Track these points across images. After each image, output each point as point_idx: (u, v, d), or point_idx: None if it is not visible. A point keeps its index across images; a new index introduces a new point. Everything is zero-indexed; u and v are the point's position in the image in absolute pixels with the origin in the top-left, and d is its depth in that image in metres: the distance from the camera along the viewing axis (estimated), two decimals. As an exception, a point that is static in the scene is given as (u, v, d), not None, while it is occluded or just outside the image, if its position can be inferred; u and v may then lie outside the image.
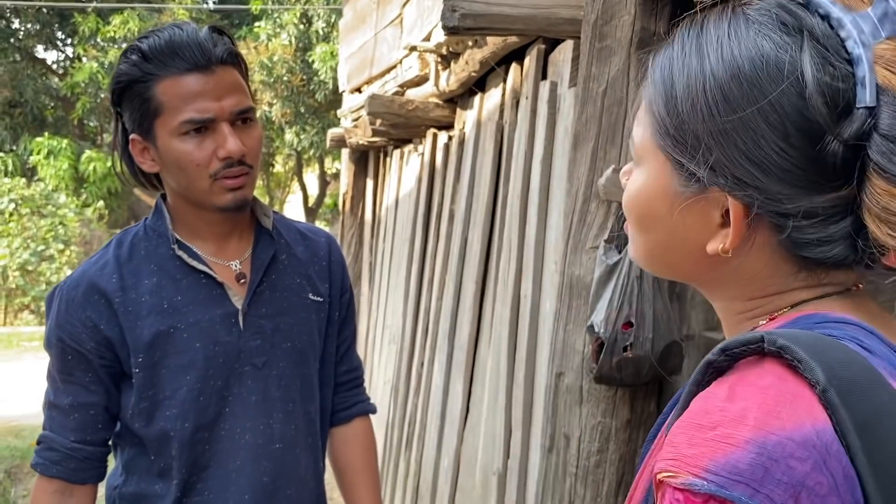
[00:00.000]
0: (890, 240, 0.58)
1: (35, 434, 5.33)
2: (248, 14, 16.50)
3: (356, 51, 5.66)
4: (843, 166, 0.59)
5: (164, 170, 1.42)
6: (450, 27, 2.17)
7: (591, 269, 1.82)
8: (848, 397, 0.54)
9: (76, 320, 1.40)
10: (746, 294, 0.67)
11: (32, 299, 13.15)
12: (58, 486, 1.45)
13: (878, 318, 0.66)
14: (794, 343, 0.56)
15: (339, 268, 1.62)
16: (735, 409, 0.54)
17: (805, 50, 0.58)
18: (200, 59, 1.34)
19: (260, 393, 1.46)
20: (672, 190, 0.66)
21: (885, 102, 0.58)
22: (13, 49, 17.43)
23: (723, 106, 0.61)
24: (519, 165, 2.82)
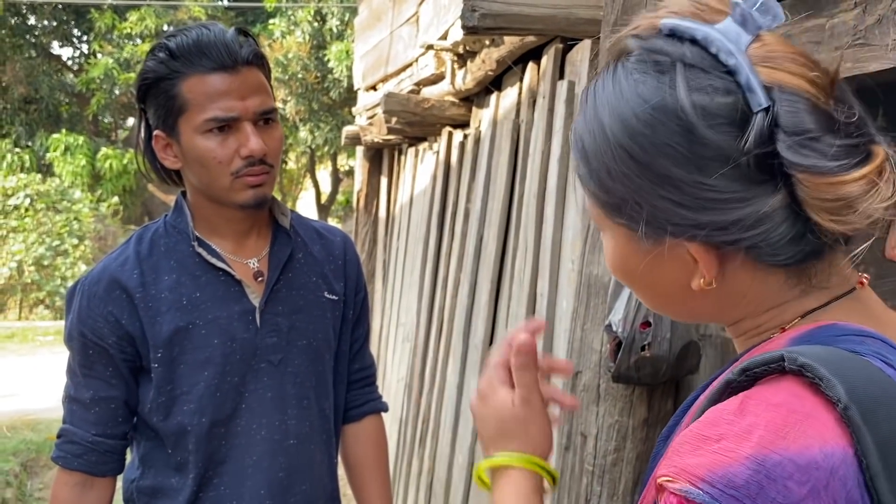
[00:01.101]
0: (834, 226, 0.58)
1: (51, 428, 5.41)
2: (262, 11, 16.55)
3: (371, 49, 5.68)
4: (766, 170, 0.59)
5: (186, 166, 1.44)
6: (469, 27, 2.18)
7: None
8: (870, 416, 0.53)
9: (98, 315, 1.42)
10: (751, 313, 0.67)
11: (47, 294, 13.25)
12: (79, 479, 1.47)
13: (885, 318, 0.66)
14: (816, 360, 0.55)
15: (354, 267, 1.64)
16: (742, 424, 0.54)
17: (678, 84, 0.59)
18: (227, 59, 1.36)
19: (275, 389, 1.47)
20: (636, 248, 0.66)
21: (779, 98, 0.58)
22: (29, 45, 17.55)
23: (631, 164, 0.61)
24: (536, 164, 2.83)
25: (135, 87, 1.46)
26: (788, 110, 0.57)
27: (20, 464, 6.09)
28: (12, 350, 10.66)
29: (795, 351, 0.57)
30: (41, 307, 13.35)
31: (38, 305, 13.38)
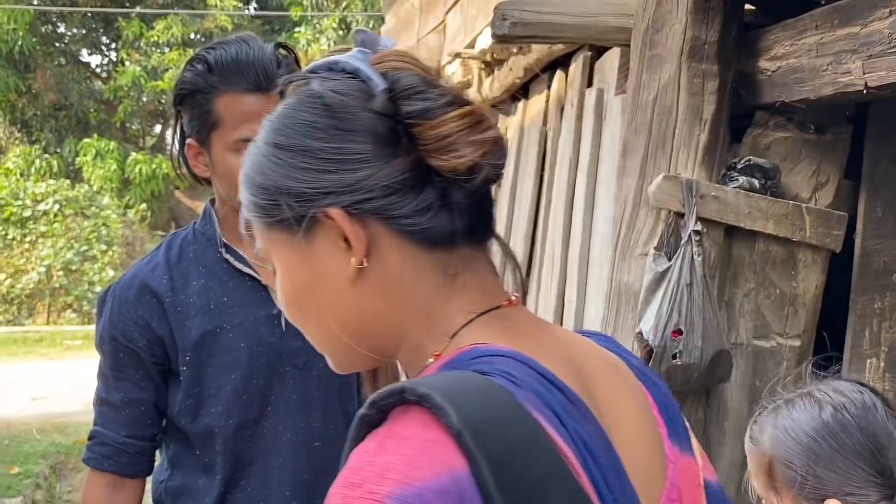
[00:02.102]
0: (448, 162, 0.65)
1: (80, 431, 5.44)
2: (288, 20, 16.69)
3: (398, 57, 5.71)
4: (395, 137, 0.67)
5: (215, 177, 1.47)
6: (500, 35, 2.20)
7: (639, 275, 1.83)
8: (482, 438, 0.56)
9: (129, 319, 1.45)
10: (412, 322, 0.69)
11: (75, 299, 13.41)
12: (109, 480, 1.49)
13: (533, 335, 0.68)
14: (433, 389, 0.58)
15: None
16: (380, 464, 0.57)
17: (314, 83, 0.70)
18: (263, 81, 1.38)
19: (300, 392, 1.49)
20: (298, 256, 0.70)
21: (394, 77, 0.68)
22: (59, 53, 17.82)
23: (276, 151, 0.70)
24: (563, 172, 2.83)
25: (172, 92, 1.49)
26: (402, 81, 0.68)
27: (49, 466, 6.17)
28: (41, 354, 10.80)
29: (417, 381, 0.60)
30: (69, 311, 13.50)
31: (66, 310, 13.54)
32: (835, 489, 1.00)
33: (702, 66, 1.82)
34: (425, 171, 0.66)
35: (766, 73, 1.82)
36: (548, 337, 0.69)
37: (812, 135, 1.89)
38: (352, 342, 0.72)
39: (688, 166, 1.82)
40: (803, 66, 1.69)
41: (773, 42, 1.80)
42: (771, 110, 1.88)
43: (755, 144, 1.89)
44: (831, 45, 1.62)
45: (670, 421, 0.72)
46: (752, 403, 1.87)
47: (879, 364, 1.79)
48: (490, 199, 0.70)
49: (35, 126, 17.23)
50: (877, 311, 1.79)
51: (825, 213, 1.83)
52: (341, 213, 0.66)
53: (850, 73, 1.56)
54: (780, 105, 1.81)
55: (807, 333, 1.88)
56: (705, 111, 1.83)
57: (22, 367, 9.75)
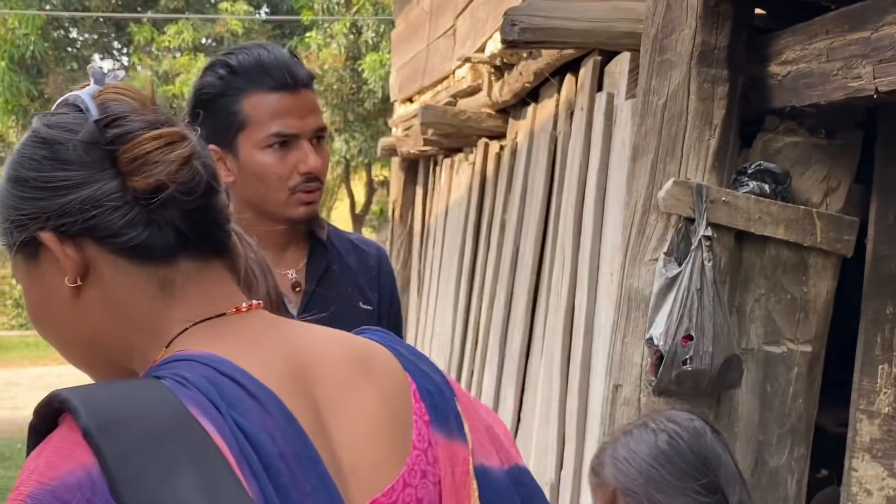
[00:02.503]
0: (138, 182, 0.71)
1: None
2: (299, 24, 16.74)
3: (408, 61, 5.72)
4: (105, 161, 0.72)
5: (240, 180, 1.48)
6: (510, 41, 2.20)
7: (649, 281, 1.83)
8: (108, 434, 0.62)
9: None
10: (139, 343, 0.74)
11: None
12: None
13: (250, 339, 0.73)
14: (73, 394, 0.65)
15: (388, 278, 1.68)
16: (31, 467, 0.63)
17: (35, 121, 0.77)
18: (288, 79, 1.42)
19: None
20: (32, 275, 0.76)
21: (107, 108, 0.74)
22: (71, 58, 17.93)
23: (4, 184, 0.76)
24: (573, 176, 2.83)
25: (188, 103, 1.51)
26: (111, 109, 0.74)
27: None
28: (54, 358, 10.86)
29: (65, 389, 0.67)
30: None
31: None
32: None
33: (711, 70, 1.82)
34: (131, 192, 0.72)
35: (776, 78, 1.82)
36: (271, 340, 0.75)
37: (823, 139, 1.88)
38: (87, 356, 0.79)
39: (698, 171, 1.82)
40: (813, 70, 1.69)
41: (784, 47, 1.80)
42: (781, 115, 1.87)
43: (765, 149, 1.89)
44: (841, 49, 1.61)
45: (435, 408, 0.77)
46: (762, 409, 1.86)
47: (891, 370, 1.78)
48: (214, 215, 0.77)
49: (48, 131, 17.32)
50: (888, 317, 1.78)
51: (836, 218, 1.83)
52: (51, 235, 0.72)
53: (861, 78, 1.55)
54: (790, 110, 1.80)
55: (818, 339, 1.87)
56: (715, 116, 1.83)
57: (34, 371, 9.81)
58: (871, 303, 1.82)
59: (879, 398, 1.79)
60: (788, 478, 1.88)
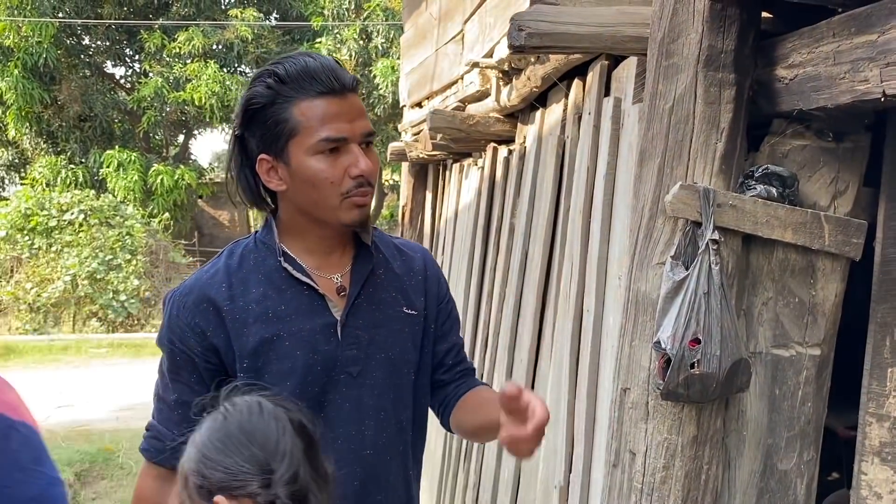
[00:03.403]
0: None
1: (104, 439, 5.54)
2: (308, 30, 16.81)
3: (417, 66, 5.74)
4: None
5: (293, 187, 1.49)
6: (517, 46, 2.21)
7: (657, 284, 1.83)
8: None
9: (185, 325, 1.50)
10: None
11: (100, 307, 13.55)
12: (160, 472, 1.56)
13: None
14: None
15: (434, 282, 1.69)
16: None
17: None
18: (335, 84, 1.43)
19: (354, 401, 1.52)
20: None
21: None
22: (83, 65, 18.06)
23: None
24: (581, 180, 2.83)
25: (237, 114, 1.51)
26: None
27: (74, 474, 6.23)
28: (67, 362, 10.93)
29: None
30: (94, 320, 13.65)
31: (91, 318, 13.69)
32: (220, 485, 1.12)
33: (718, 74, 1.82)
34: None
35: (783, 82, 1.81)
36: None
37: (830, 142, 1.88)
38: None
39: (705, 175, 1.82)
40: (820, 74, 1.69)
41: (790, 50, 1.80)
42: (788, 118, 1.87)
43: (773, 153, 1.89)
44: (848, 53, 1.61)
45: None
46: (771, 412, 1.86)
47: (901, 373, 1.77)
48: None
49: (60, 137, 17.47)
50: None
51: (844, 221, 1.82)
52: None
53: (868, 82, 1.55)
54: (797, 113, 1.80)
55: (826, 342, 1.87)
56: (722, 120, 1.83)
57: (48, 375, 9.86)
58: (879, 306, 1.81)
59: (888, 401, 1.78)
60: (798, 481, 1.88)
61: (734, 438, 1.86)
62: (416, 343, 1.62)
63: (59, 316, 13.64)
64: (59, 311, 13.61)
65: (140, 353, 11.41)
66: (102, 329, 13.41)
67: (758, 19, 1.89)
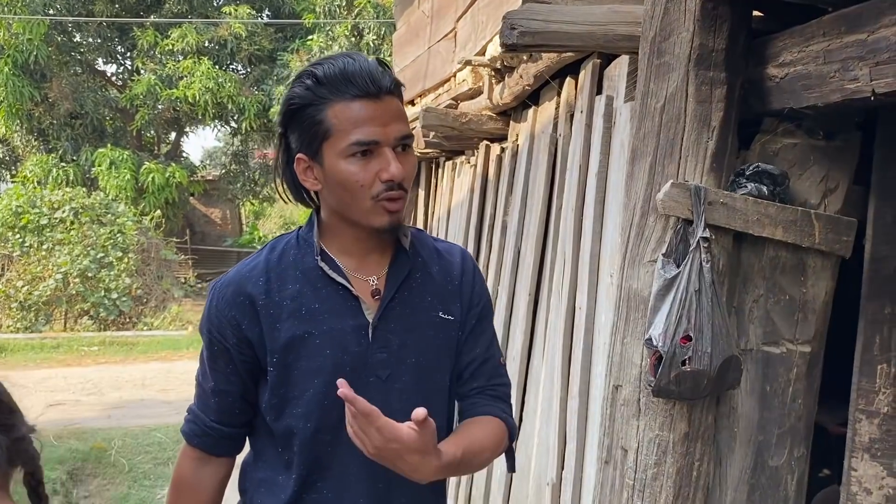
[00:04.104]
0: None
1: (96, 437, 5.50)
2: (300, 27, 16.77)
3: (409, 64, 5.74)
4: None
5: (327, 188, 1.49)
6: (509, 44, 2.21)
7: (648, 282, 1.84)
8: None
9: (223, 317, 1.52)
10: None
11: (92, 305, 13.50)
12: (198, 455, 1.61)
13: None
14: None
15: (469, 287, 1.64)
16: None
17: None
18: (371, 87, 1.42)
19: (381, 403, 1.49)
20: None
21: None
22: (75, 62, 17.97)
23: None
24: (574, 178, 2.84)
25: (279, 114, 1.52)
26: None
27: (66, 472, 6.21)
28: (58, 360, 10.88)
29: None
30: (86, 318, 13.60)
31: (82, 317, 13.63)
32: None
33: (710, 73, 1.83)
34: None
35: (774, 80, 1.82)
36: None
37: (821, 141, 1.89)
38: None
39: (696, 173, 1.83)
40: (811, 72, 1.70)
41: (781, 49, 1.80)
42: (779, 117, 1.88)
43: (764, 151, 1.90)
44: (838, 52, 1.62)
45: None
46: (762, 409, 1.87)
47: (890, 370, 1.79)
48: None
49: (52, 135, 17.40)
50: (887, 317, 1.79)
51: (835, 219, 1.83)
52: None
53: (858, 80, 1.56)
54: (788, 111, 1.81)
55: (817, 339, 1.88)
56: (713, 118, 1.83)
57: (39, 374, 9.83)
58: (869, 303, 1.83)
59: (878, 398, 1.80)
60: (788, 478, 1.89)
61: (725, 435, 1.87)
62: (450, 349, 1.59)
63: (51, 314, 13.59)
64: (50, 310, 13.56)
65: (132, 352, 11.38)
66: (94, 327, 13.36)
67: (749, 18, 1.90)
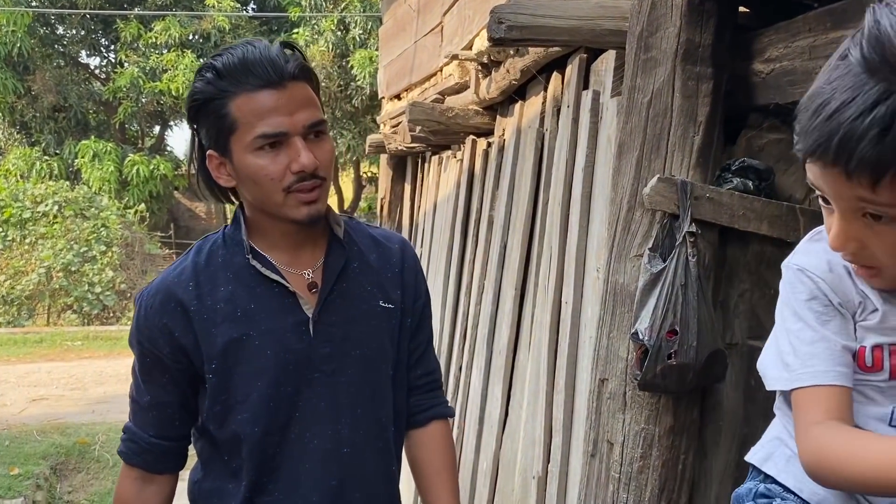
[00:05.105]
0: None
1: (79, 432, 5.50)
2: (286, 21, 16.69)
3: (396, 58, 5.73)
4: None
5: (240, 184, 1.45)
6: (496, 38, 2.21)
7: (634, 276, 1.84)
8: None
9: (154, 326, 1.46)
10: None
11: (75, 300, 13.41)
12: (139, 474, 1.55)
13: None
14: None
15: (412, 274, 1.63)
16: None
17: None
18: (272, 75, 1.36)
19: (329, 399, 1.49)
20: None
21: None
22: (58, 55, 17.82)
23: None
24: (560, 173, 2.85)
25: (186, 108, 1.47)
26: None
27: (50, 467, 6.18)
28: (41, 355, 10.81)
29: None
30: (69, 312, 13.51)
31: (66, 311, 13.54)
32: None
33: (696, 68, 1.83)
34: None
35: (760, 76, 1.83)
36: None
37: (806, 136, 1.90)
38: None
39: (682, 168, 1.84)
40: (796, 68, 1.71)
41: (767, 45, 1.81)
42: (765, 112, 1.89)
43: (749, 146, 1.91)
44: (823, 48, 1.63)
45: None
46: (747, 403, 1.88)
47: (873, 363, 1.80)
48: None
49: (35, 128, 17.25)
50: (870, 311, 1.80)
51: (819, 214, 1.84)
52: None
53: (842, 76, 1.57)
54: (774, 107, 1.82)
55: (801, 333, 1.89)
56: (699, 113, 1.84)
57: (22, 369, 9.75)
58: (852, 297, 1.84)
59: (861, 391, 1.81)
60: (772, 470, 1.90)
61: (710, 429, 1.88)
62: (392, 338, 1.58)
63: (34, 308, 13.49)
64: (33, 304, 13.46)
65: (115, 346, 11.31)
66: (77, 321, 13.28)
67: (735, 14, 1.91)
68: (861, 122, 0.88)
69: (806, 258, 1.15)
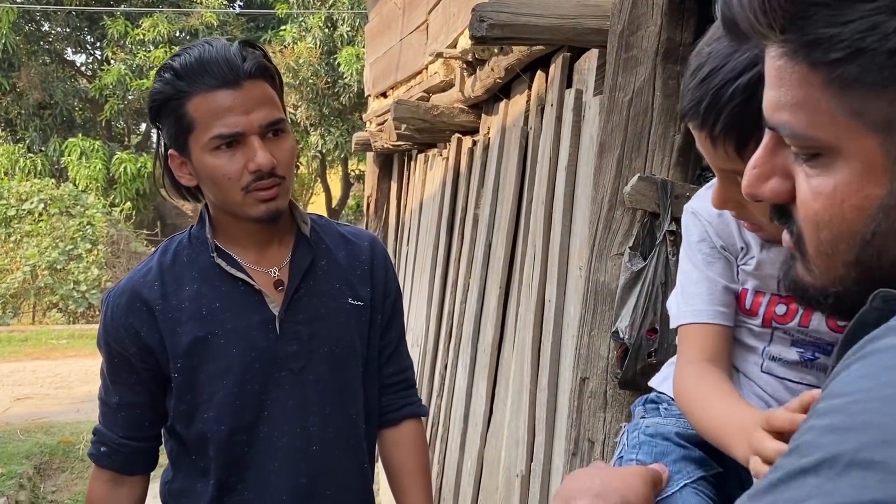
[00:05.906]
0: None
1: (63, 431, 5.47)
2: (273, 17, 16.64)
3: (381, 56, 5.72)
4: None
5: (201, 183, 1.45)
6: (478, 37, 2.21)
7: (615, 275, 1.85)
8: None
9: (120, 326, 1.46)
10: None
11: (61, 298, 13.33)
12: (109, 476, 1.55)
13: None
14: None
15: (381, 271, 1.64)
16: None
17: None
18: (229, 74, 1.36)
19: (297, 397, 1.49)
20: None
21: None
22: (43, 52, 17.70)
23: None
24: (544, 171, 2.85)
25: (147, 108, 1.47)
26: None
27: (33, 467, 6.14)
28: (26, 353, 10.74)
29: None
30: (55, 311, 13.43)
31: (51, 309, 13.46)
32: None
33: (677, 67, 1.84)
34: None
35: (739, 75, 1.84)
36: None
37: (785, 135, 1.91)
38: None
39: (663, 167, 1.84)
40: (775, 67, 1.71)
41: (747, 44, 1.82)
42: (745, 111, 1.90)
43: (729, 145, 1.91)
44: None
45: None
46: (726, 401, 1.89)
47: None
48: None
49: (20, 125, 17.14)
50: (848, 310, 1.81)
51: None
52: None
53: (820, 75, 1.58)
54: (753, 106, 1.83)
55: (780, 331, 1.90)
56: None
57: (6, 367, 9.69)
58: (831, 296, 1.85)
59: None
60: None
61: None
62: (362, 335, 1.58)
63: (19, 307, 13.40)
64: (18, 302, 13.37)
65: (102, 345, 11.26)
66: (63, 320, 13.20)
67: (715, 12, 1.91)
68: (727, 90, 0.91)
69: (699, 202, 1.19)
